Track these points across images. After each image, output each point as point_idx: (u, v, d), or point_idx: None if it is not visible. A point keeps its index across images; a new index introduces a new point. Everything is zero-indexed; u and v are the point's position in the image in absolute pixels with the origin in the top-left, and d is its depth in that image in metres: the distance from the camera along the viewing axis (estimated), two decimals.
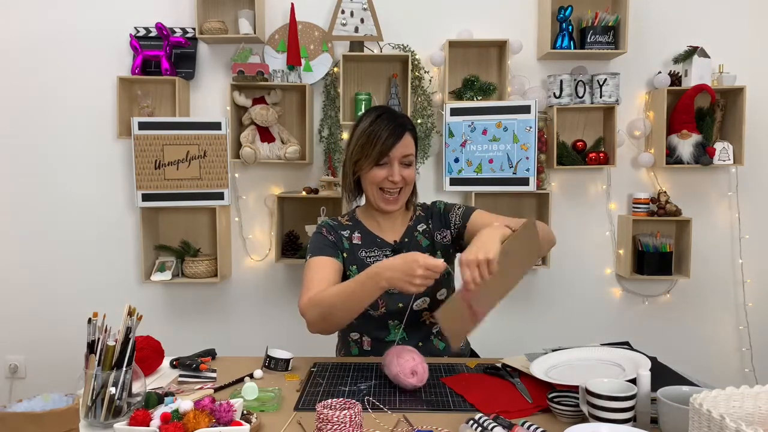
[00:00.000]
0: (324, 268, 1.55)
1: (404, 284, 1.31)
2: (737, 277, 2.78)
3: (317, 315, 1.44)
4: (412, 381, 1.28)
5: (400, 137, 1.55)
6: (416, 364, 1.30)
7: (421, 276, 1.28)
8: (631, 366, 1.27)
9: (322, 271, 1.54)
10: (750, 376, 2.79)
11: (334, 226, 1.67)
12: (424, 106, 2.69)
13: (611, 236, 2.78)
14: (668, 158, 2.60)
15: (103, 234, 2.75)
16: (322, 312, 1.43)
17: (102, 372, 1.11)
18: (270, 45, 2.68)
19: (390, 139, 1.54)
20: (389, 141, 1.54)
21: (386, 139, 1.54)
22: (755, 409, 0.92)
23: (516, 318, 2.79)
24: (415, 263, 1.28)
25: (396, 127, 1.56)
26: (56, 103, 2.72)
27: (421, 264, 1.28)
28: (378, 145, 1.54)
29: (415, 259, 1.29)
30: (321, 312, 1.43)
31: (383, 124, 1.56)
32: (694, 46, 2.61)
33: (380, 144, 1.54)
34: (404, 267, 1.30)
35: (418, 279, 1.28)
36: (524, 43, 2.66)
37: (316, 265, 1.56)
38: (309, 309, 1.45)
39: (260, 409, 1.18)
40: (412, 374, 1.29)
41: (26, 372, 2.81)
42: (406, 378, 1.29)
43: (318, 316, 1.44)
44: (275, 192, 2.70)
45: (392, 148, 1.54)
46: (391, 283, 1.33)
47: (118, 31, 2.69)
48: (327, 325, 1.48)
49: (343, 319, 1.48)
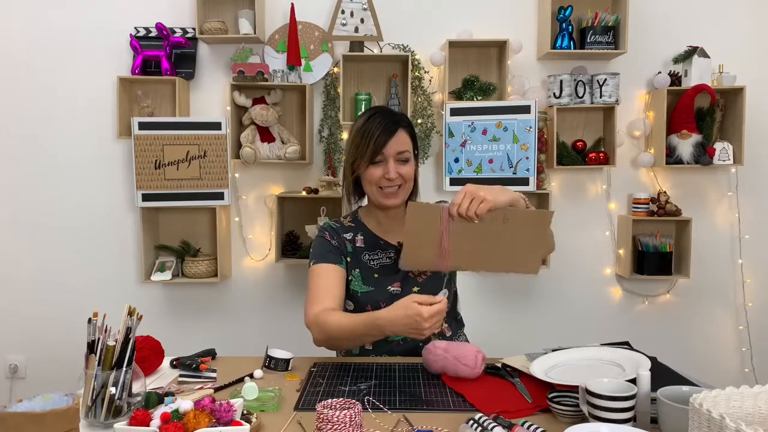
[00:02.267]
0: (328, 277, 1.58)
1: (414, 336, 1.31)
2: (737, 277, 2.78)
3: (323, 337, 1.50)
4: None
5: (392, 134, 1.55)
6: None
7: (429, 328, 1.27)
8: (631, 366, 1.27)
9: (326, 280, 1.57)
10: (750, 376, 2.79)
11: (336, 228, 1.67)
12: (424, 106, 2.69)
13: (611, 236, 2.78)
14: (668, 158, 2.60)
15: (103, 234, 2.75)
16: (327, 337, 1.50)
17: (102, 372, 1.11)
18: (270, 45, 2.68)
19: (383, 137, 1.54)
20: (382, 138, 1.54)
21: (379, 137, 1.54)
22: (755, 409, 0.92)
23: (516, 318, 2.79)
24: (419, 317, 1.26)
25: (389, 123, 1.56)
26: (56, 103, 2.72)
27: (426, 317, 1.26)
28: (371, 143, 1.54)
29: (417, 312, 1.26)
30: (326, 337, 1.50)
31: (376, 122, 1.56)
32: (694, 46, 2.61)
33: (373, 142, 1.54)
34: (408, 321, 1.29)
35: (427, 331, 1.28)
36: (524, 43, 2.66)
37: (320, 273, 1.58)
38: (315, 328, 1.51)
39: (260, 409, 1.18)
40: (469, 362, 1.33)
41: (26, 372, 2.81)
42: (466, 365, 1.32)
43: (323, 338, 1.51)
44: (275, 192, 2.70)
45: (385, 145, 1.54)
46: (400, 335, 1.36)
47: (118, 31, 2.69)
48: (332, 348, 1.57)
49: (347, 347, 1.57)
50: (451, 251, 1.28)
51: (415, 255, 1.35)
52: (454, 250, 1.27)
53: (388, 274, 1.62)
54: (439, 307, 1.27)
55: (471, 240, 1.24)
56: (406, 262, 1.37)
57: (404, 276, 1.61)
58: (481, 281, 2.78)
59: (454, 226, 1.23)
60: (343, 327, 1.45)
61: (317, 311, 1.50)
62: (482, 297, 2.79)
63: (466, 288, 2.75)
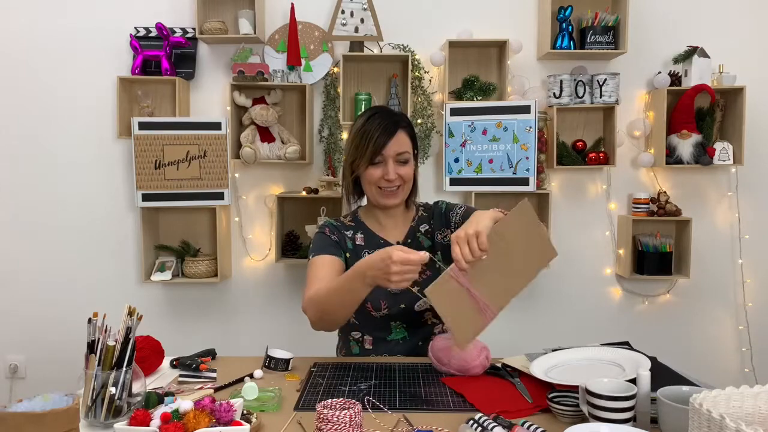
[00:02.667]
0: (325, 266, 1.55)
1: (383, 282, 1.27)
2: (737, 277, 2.78)
3: (316, 312, 1.45)
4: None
5: (392, 135, 1.55)
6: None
7: (396, 272, 1.23)
8: (631, 366, 1.27)
9: (324, 269, 1.54)
10: (750, 376, 2.79)
11: (337, 226, 1.67)
12: (424, 106, 2.69)
13: (611, 236, 2.78)
14: (668, 158, 2.60)
15: (103, 234, 2.75)
16: (319, 309, 1.44)
17: (102, 372, 1.11)
18: (270, 45, 2.68)
19: (382, 138, 1.54)
20: (381, 139, 1.53)
21: (378, 138, 1.53)
22: (755, 409, 0.92)
23: (516, 318, 2.79)
24: (388, 259, 1.24)
25: (389, 124, 1.55)
26: (56, 103, 2.72)
27: (395, 260, 1.23)
28: (371, 144, 1.54)
29: (389, 255, 1.24)
30: (319, 309, 1.45)
31: (376, 123, 1.56)
32: (694, 46, 2.61)
33: (373, 143, 1.53)
34: (380, 264, 1.26)
35: (394, 276, 1.24)
36: (524, 43, 2.66)
37: (318, 263, 1.56)
38: (309, 307, 1.47)
39: (260, 409, 1.18)
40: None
41: (26, 372, 2.81)
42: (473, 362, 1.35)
43: (317, 313, 1.45)
44: (275, 192, 2.70)
45: (385, 146, 1.54)
46: (374, 281, 1.30)
47: (118, 31, 2.69)
48: (326, 323, 1.49)
49: (339, 315, 1.47)
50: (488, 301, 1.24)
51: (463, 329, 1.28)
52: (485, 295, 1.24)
53: None
54: (411, 257, 1.23)
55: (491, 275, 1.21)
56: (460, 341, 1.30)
57: None
58: None
59: (473, 276, 1.20)
60: (331, 288, 1.42)
61: (311, 293, 1.47)
62: None
63: None
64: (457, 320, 1.26)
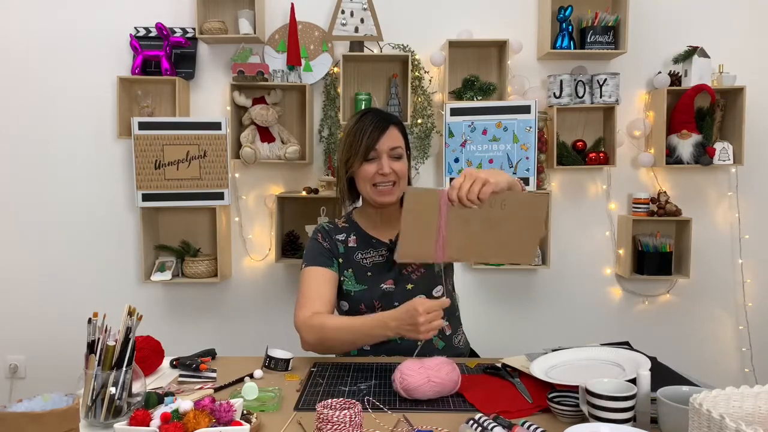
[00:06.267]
0: (318, 279, 1.59)
1: (412, 334, 1.32)
2: (737, 277, 2.78)
3: (315, 340, 1.50)
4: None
5: (384, 130, 1.58)
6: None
7: (423, 323, 1.28)
8: (631, 366, 1.27)
9: (316, 283, 1.58)
10: (750, 376, 2.79)
11: (329, 230, 1.69)
12: (424, 106, 2.69)
13: (611, 236, 2.78)
14: (668, 158, 2.60)
15: (103, 234, 2.75)
16: (321, 339, 1.49)
17: (102, 372, 1.11)
18: (270, 45, 2.68)
19: (375, 133, 1.57)
20: (374, 134, 1.56)
21: (371, 133, 1.56)
22: (755, 409, 0.92)
23: (516, 318, 2.79)
24: (414, 312, 1.29)
25: (380, 121, 1.59)
26: (56, 103, 2.71)
27: (421, 312, 1.28)
28: (364, 139, 1.56)
29: (414, 307, 1.29)
30: (320, 339, 1.49)
31: (368, 120, 1.59)
32: (694, 46, 2.61)
33: (366, 138, 1.56)
34: (406, 317, 1.31)
35: (422, 327, 1.28)
36: (524, 43, 2.66)
37: (310, 276, 1.60)
38: (306, 331, 1.50)
39: (260, 409, 1.18)
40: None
41: (26, 372, 2.81)
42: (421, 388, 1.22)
43: (316, 340, 1.50)
44: (275, 192, 2.70)
45: (378, 141, 1.56)
46: (398, 333, 1.36)
47: (118, 31, 2.69)
48: (323, 350, 1.54)
49: (344, 349, 1.55)
50: (448, 240, 1.21)
51: (411, 245, 1.28)
52: (451, 239, 1.20)
53: (380, 272, 1.62)
54: (436, 303, 1.28)
55: (468, 228, 1.17)
56: (402, 254, 1.30)
57: (397, 273, 1.62)
58: (480, 281, 2.78)
59: (452, 213, 1.16)
60: (343, 327, 1.46)
61: (307, 315, 1.52)
62: (482, 297, 2.79)
63: (466, 288, 2.76)
64: (410, 233, 1.25)
